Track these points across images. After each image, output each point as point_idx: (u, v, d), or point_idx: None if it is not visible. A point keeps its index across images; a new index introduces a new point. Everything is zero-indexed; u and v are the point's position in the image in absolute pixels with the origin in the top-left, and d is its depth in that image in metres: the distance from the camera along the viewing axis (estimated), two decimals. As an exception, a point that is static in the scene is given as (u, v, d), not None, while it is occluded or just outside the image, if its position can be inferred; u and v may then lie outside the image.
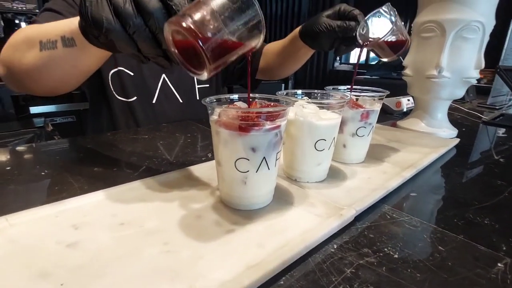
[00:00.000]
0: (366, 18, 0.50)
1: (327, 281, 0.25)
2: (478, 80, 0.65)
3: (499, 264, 0.28)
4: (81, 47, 0.36)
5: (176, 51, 0.26)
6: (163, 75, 0.79)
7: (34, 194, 0.39)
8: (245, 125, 0.29)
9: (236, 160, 0.31)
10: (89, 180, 0.43)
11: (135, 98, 0.75)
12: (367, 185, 0.41)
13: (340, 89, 0.50)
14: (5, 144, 1.26)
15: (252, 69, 0.87)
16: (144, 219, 0.32)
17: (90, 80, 0.73)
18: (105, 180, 0.43)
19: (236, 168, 0.32)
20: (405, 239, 0.31)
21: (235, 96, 0.35)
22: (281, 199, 0.37)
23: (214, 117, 0.31)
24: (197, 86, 0.85)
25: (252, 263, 0.25)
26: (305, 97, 0.43)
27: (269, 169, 0.32)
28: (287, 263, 0.26)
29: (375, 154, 0.54)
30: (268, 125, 0.30)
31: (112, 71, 0.71)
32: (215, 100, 0.33)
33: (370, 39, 0.49)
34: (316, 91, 0.44)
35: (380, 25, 0.47)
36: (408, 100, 0.94)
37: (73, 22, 0.36)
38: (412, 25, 0.67)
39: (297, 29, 0.68)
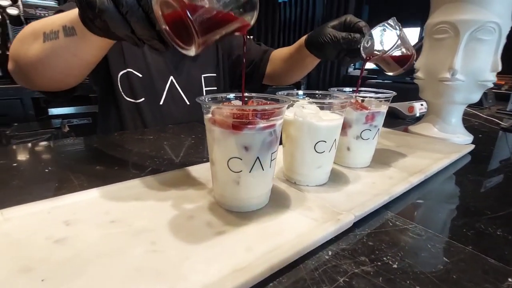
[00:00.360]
0: (371, 30, 0.49)
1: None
2: (499, 87, 0.61)
3: (509, 279, 0.25)
4: (81, 36, 0.37)
5: (167, 27, 0.26)
6: (171, 77, 0.79)
7: (34, 190, 0.40)
8: (237, 123, 0.28)
9: (229, 159, 0.30)
10: (89, 178, 0.44)
11: (143, 99, 0.76)
12: (370, 190, 0.39)
13: (345, 91, 0.48)
14: (23, 143, 1.31)
15: (259, 74, 0.87)
16: (135, 218, 0.31)
17: (100, 81, 0.75)
18: (105, 178, 0.43)
19: (229, 168, 0.31)
20: (406, 248, 0.29)
21: (231, 95, 0.35)
22: (277, 202, 0.35)
23: (208, 116, 0.31)
24: (204, 89, 0.85)
25: (238, 266, 0.24)
26: (306, 98, 0.42)
27: (263, 169, 0.31)
28: (275, 268, 0.25)
29: (382, 158, 0.51)
30: (262, 123, 0.29)
31: (121, 72, 0.73)
32: (210, 99, 0.32)
33: (374, 53, 0.48)
34: (318, 91, 0.42)
35: (386, 39, 0.46)
36: (422, 104, 0.90)
37: (73, 12, 0.36)
38: (424, 26, 0.65)
39: (303, 38, 0.67)
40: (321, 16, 3.28)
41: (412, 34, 2.49)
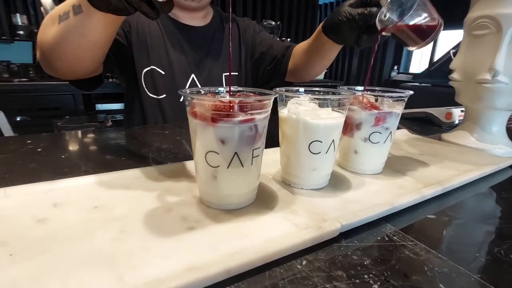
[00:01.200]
0: (389, 1, 0.44)
1: (274, 300, 0.21)
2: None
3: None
4: (87, 13, 0.39)
5: None
6: (193, 75, 0.81)
7: (44, 173, 0.43)
8: (214, 115, 0.27)
9: (207, 153, 0.29)
10: (96, 166, 0.46)
11: (164, 95, 0.79)
12: (371, 199, 0.35)
13: (356, 89, 0.44)
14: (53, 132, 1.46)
15: (281, 71, 0.85)
16: (118, 206, 0.32)
17: (126, 77, 0.79)
18: (109, 167, 0.45)
19: (207, 162, 0.30)
20: (396, 268, 0.25)
21: (221, 89, 0.34)
22: (263, 202, 0.33)
23: (188, 108, 0.30)
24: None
25: (194, 264, 0.23)
26: (308, 95, 0.39)
27: (243, 166, 0.30)
28: (232, 272, 0.23)
29: (398, 166, 0.46)
30: (240, 117, 0.27)
31: (146, 69, 0.76)
32: (192, 91, 0.31)
33: (391, 24, 0.42)
34: (321, 89, 0.39)
35: (406, 8, 0.41)
36: (462, 111, 0.80)
37: None
38: (463, 22, 0.57)
39: (321, 24, 0.64)
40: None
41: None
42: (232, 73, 0.87)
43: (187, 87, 0.82)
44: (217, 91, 0.34)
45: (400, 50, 3.01)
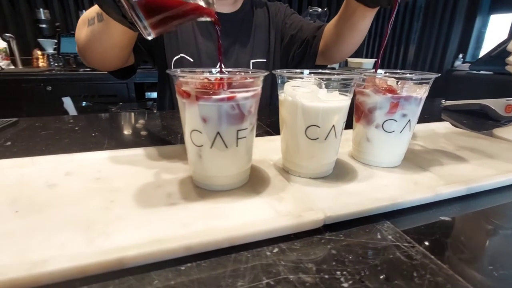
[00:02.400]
0: None
1: (228, 284, 0.21)
2: None
3: None
4: (107, 21, 0.42)
5: (133, 12, 0.26)
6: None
7: (73, 147, 0.48)
8: (194, 93, 0.27)
9: (191, 131, 0.29)
10: (116, 144, 0.50)
11: (193, 82, 0.81)
12: (374, 193, 0.32)
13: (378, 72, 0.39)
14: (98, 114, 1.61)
15: (311, 53, 0.80)
16: (117, 179, 0.34)
17: (158, 65, 0.84)
18: (127, 145, 0.49)
19: (192, 141, 0.30)
20: (378, 269, 0.22)
21: (214, 70, 0.33)
22: (253, 187, 0.32)
23: (176, 88, 0.30)
24: (252, 74, 0.85)
25: (161, 237, 0.23)
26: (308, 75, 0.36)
27: (227, 147, 0.29)
28: (194, 249, 0.23)
29: (421, 160, 0.41)
30: (221, 95, 0.27)
31: (176, 57, 0.79)
32: (179, 70, 0.31)
33: None
34: (327, 71, 0.36)
35: None
36: (528, 103, 0.67)
37: None
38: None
39: None
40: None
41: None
42: (260, 60, 0.85)
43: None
44: (210, 71, 0.33)
45: (468, 35, 2.62)
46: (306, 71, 0.36)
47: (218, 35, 0.31)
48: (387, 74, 0.37)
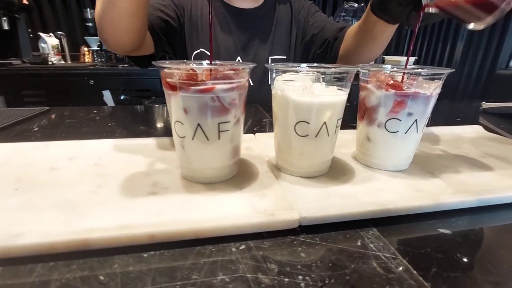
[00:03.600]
0: None
1: (183, 276, 0.20)
2: None
3: None
4: None
5: None
6: (238, 58, 0.82)
7: (88, 135, 0.51)
8: (176, 84, 0.27)
9: (175, 122, 0.29)
10: (128, 133, 0.52)
11: (211, 77, 0.82)
12: (366, 197, 0.29)
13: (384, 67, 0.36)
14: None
15: (332, 55, 0.77)
16: (112, 166, 0.36)
17: (179, 58, 0.86)
18: (136, 135, 0.51)
19: (176, 132, 0.30)
20: (346, 279, 0.20)
21: (204, 62, 0.33)
22: (238, 181, 0.32)
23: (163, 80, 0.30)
24: (271, 71, 0.83)
25: (130, 223, 0.24)
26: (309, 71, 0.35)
27: (208, 139, 0.29)
28: (157, 238, 0.23)
29: (433, 165, 0.37)
30: (200, 86, 0.26)
31: (195, 52, 0.81)
32: (167, 62, 0.31)
33: None
34: (324, 65, 0.33)
35: None
36: None
37: None
38: None
39: (370, 3, 0.55)
40: None
41: None
42: (279, 57, 0.84)
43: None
44: (200, 63, 0.33)
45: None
46: (303, 65, 0.34)
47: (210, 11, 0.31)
48: (395, 68, 0.34)
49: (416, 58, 2.60)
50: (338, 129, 0.32)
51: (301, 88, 0.30)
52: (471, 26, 0.34)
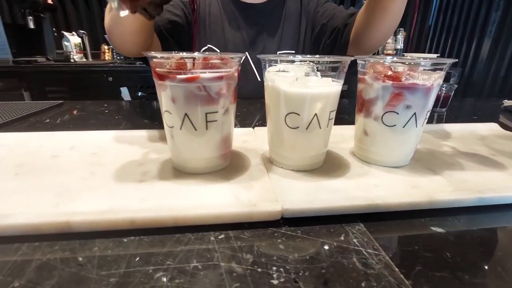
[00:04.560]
0: None
1: (158, 261, 0.21)
2: None
3: None
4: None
5: None
6: (246, 53, 0.82)
7: (94, 127, 0.53)
8: (161, 73, 0.27)
9: (164, 112, 0.30)
10: (132, 126, 0.54)
11: (218, 73, 0.83)
12: (357, 192, 0.28)
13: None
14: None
15: (341, 42, 0.74)
16: (108, 155, 0.37)
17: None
18: (139, 127, 0.52)
19: (165, 121, 0.30)
20: (322, 272, 0.20)
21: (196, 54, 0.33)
22: (228, 173, 0.32)
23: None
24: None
25: (112, 208, 0.24)
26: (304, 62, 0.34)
27: (196, 129, 0.29)
28: (136, 223, 0.23)
29: (437, 163, 0.35)
30: (185, 74, 0.26)
31: (203, 48, 0.82)
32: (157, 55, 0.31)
33: None
34: (317, 56, 0.32)
35: None
36: None
37: None
38: None
39: None
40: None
41: None
42: (288, 51, 0.83)
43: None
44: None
45: None
46: (298, 57, 0.33)
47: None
48: (395, 59, 0.32)
49: (438, 55, 2.49)
50: (331, 122, 0.31)
51: (292, 79, 0.29)
52: None
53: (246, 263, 0.20)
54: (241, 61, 0.30)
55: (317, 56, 0.30)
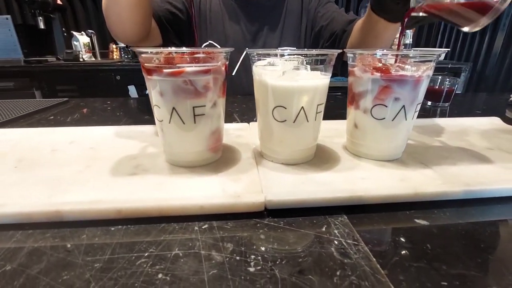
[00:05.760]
0: None
1: (141, 248, 0.21)
2: None
3: None
4: None
5: None
6: (247, 49, 0.82)
7: (95, 122, 0.54)
8: (148, 68, 0.28)
9: (154, 106, 0.30)
10: (132, 121, 0.55)
11: (220, 69, 0.83)
12: (343, 184, 0.28)
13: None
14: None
15: (340, 48, 0.74)
16: (105, 149, 0.38)
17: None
18: (138, 123, 0.53)
19: (156, 116, 0.31)
20: (299, 261, 0.20)
21: (184, 49, 0.33)
22: (217, 166, 0.32)
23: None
24: (279, 62, 0.83)
25: (102, 199, 0.25)
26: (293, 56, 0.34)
27: (184, 123, 0.29)
28: (123, 213, 0.24)
29: (429, 156, 0.34)
30: (170, 69, 0.27)
31: (204, 44, 0.82)
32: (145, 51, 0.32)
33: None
34: (306, 50, 0.32)
35: None
36: None
37: None
38: None
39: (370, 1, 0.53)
40: None
41: None
42: (288, 47, 0.83)
43: (239, 61, 0.83)
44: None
45: None
46: (286, 50, 0.33)
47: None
48: (385, 51, 0.32)
49: (449, 49, 2.43)
50: (319, 115, 0.32)
51: (279, 73, 0.30)
52: (466, 29, 0.31)
53: (226, 251, 0.21)
54: (242, 57, 0.30)
55: (305, 50, 0.30)
